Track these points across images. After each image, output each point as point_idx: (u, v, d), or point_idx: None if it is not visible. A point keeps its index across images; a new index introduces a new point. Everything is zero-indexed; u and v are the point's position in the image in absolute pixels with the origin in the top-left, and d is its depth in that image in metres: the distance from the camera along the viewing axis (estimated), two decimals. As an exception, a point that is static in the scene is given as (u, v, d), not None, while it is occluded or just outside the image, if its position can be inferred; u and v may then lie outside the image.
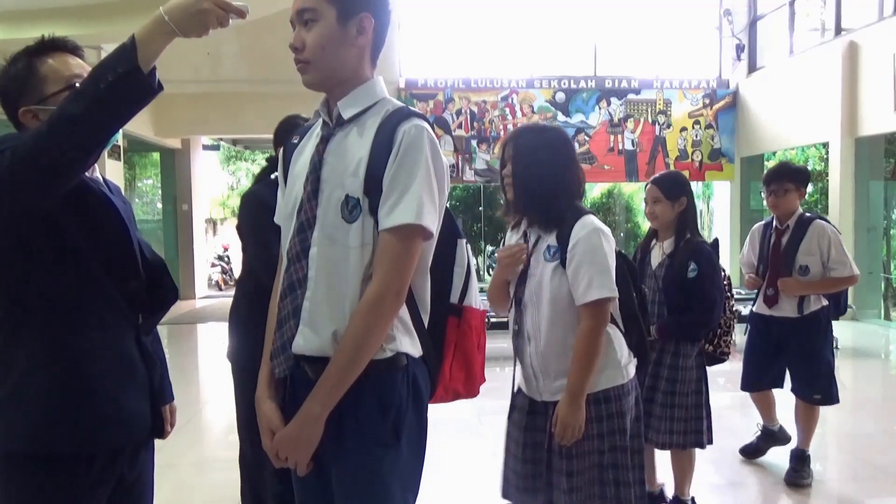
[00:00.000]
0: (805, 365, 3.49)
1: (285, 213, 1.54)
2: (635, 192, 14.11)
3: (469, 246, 1.69)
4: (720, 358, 3.01)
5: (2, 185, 1.30)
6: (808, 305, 3.48)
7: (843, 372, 6.77)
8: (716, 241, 2.92)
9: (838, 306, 3.60)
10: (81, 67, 1.54)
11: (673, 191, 2.84)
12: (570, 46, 11.21)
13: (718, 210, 12.09)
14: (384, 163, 1.39)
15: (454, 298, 1.61)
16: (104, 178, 1.66)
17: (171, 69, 11.19)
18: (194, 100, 10.25)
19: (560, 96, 10.78)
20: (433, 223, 1.40)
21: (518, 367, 2.25)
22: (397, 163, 1.39)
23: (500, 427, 2.32)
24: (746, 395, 5.67)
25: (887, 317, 9.89)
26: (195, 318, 9.82)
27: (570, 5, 11.04)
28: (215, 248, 14.87)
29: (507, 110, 10.72)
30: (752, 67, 10.87)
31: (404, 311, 1.44)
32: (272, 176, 2.50)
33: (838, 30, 9.23)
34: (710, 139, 11.04)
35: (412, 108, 1.51)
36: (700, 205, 18.20)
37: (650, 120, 10.94)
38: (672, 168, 10.99)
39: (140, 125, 9.69)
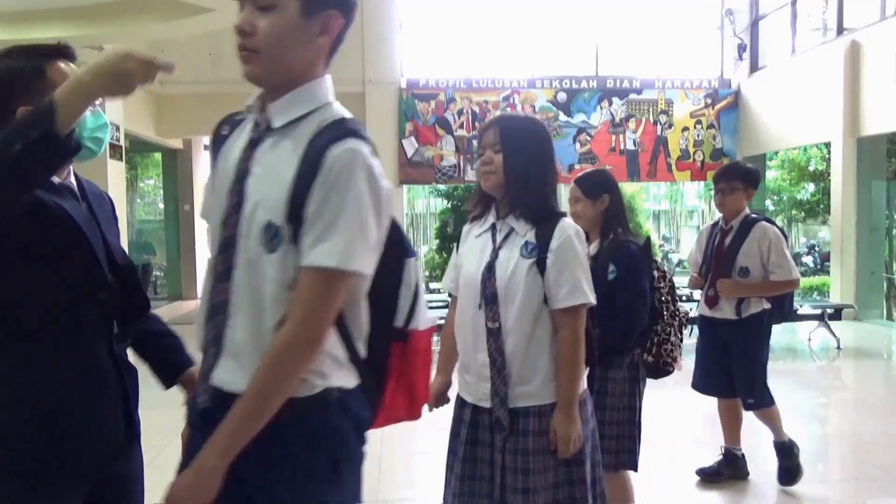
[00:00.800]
0: (741, 368, 3.43)
1: (211, 216, 1.36)
2: (637, 193, 14.10)
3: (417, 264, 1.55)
4: (664, 369, 2.74)
5: None
6: (748, 308, 3.39)
7: (846, 372, 6.77)
8: (647, 239, 2.68)
9: (782, 310, 3.51)
10: None
11: (594, 189, 2.62)
12: (571, 46, 11.20)
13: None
14: (308, 190, 1.21)
15: (399, 322, 1.42)
16: (79, 180, 1.64)
17: (173, 69, 11.02)
18: (196, 100, 10.26)
19: (562, 96, 10.77)
20: (365, 264, 1.24)
21: (464, 372, 2.06)
22: (324, 193, 1.20)
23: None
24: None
25: (889, 317, 9.88)
26: (197, 318, 9.83)
27: (571, 5, 11.04)
28: (217, 248, 14.87)
29: (509, 110, 10.71)
30: (754, 67, 10.85)
31: (335, 346, 1.28)
32: None
33: (840, 29, 9.22)
34: (711, 139, 11.02)
35: (350, 124, 1.31)
36: (702, 205, 18.21)
37: (652, 120, 10.93)
38: (674, 168, 11.00)
39: (142, 125, 9.70)
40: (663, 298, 2.70)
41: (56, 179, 1.54)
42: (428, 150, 10.58)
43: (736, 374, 3.44)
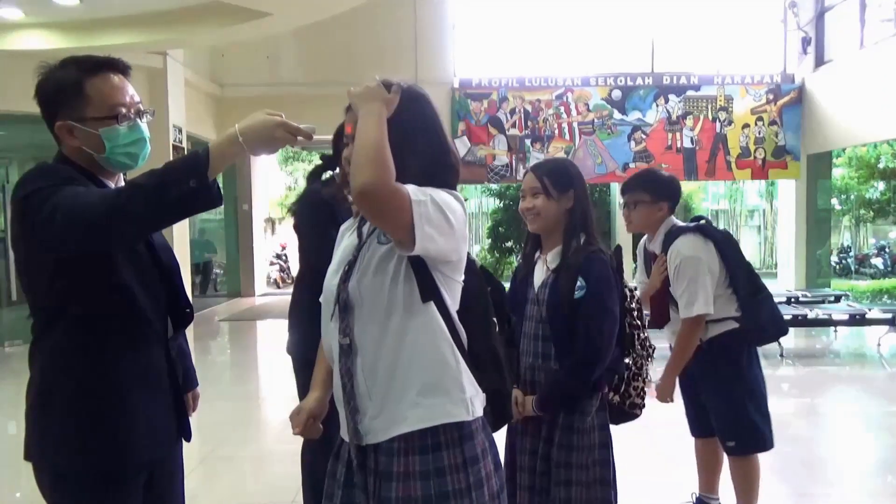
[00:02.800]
0: (715, 405, 2.77)
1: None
2: (694, 192, 13.76)
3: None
4: (630, 412, 2.22)
5: (49, 240, 1.40)
6: (709, 328, 2.71)
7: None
8: (618, 249, 2.20)
9: (758, 325, 2.71)
10: (126, 94, 1.57)
11: (559, 182, 2.11)
12: (626, 43, 11.00)
13: (783, 210, 11.67)
14: None
15: None
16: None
17: (233, 73, 11.54)
18: (254, 102, 10.49)
19: (616, 94, 10.60)
20: None
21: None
22: None
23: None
24: (812, 401, 5.47)
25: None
26: (254, 314, 10.07)
27: (626, 1, 10.84)
28: (273, 246, 15.22)
29: (562, 109, 10.61)
30: (820, 61, 10.45)
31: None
32: (326, 174, 2.56)
33: (914, 20, 8.79)
34: (774, 136, 10.66)
35: None
36: (763, 204, 17.64)
37: (710, 117, 10.65)
38: (734, 167, 10.68)
39: (202, 128, 10.01)
40: (636, 322, 2.18)
41: (111, 183, 1.61)
42: (480, 150, 10.58)
43: (711, 411, 2.79)
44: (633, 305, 2.19)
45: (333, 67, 10.44)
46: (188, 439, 1.74)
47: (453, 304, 1.48)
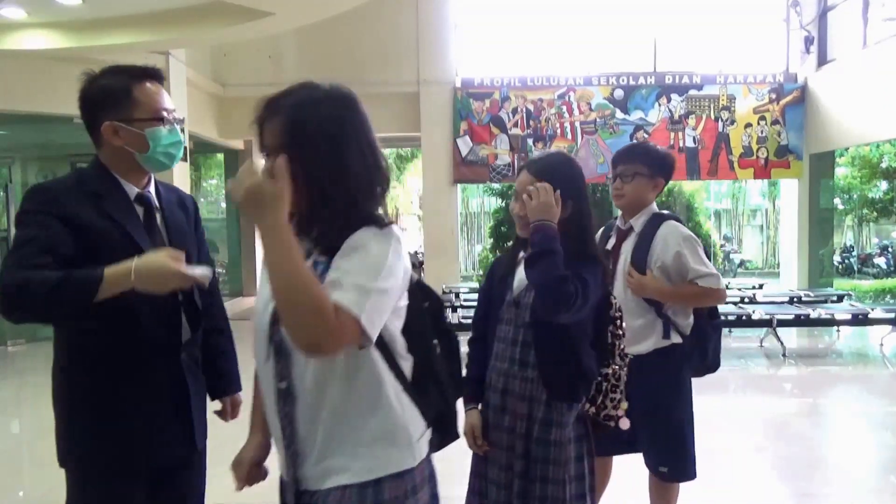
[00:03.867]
0: (649, 421, 2.47)
1: None
2: (696, 191, 13.73)
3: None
4: (604, 423, 2.02)
5: None
6: (655, 336, 2.51)
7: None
8: (607, 251, 2.15)
9: (703, 354, 2.56)
10: (166, 100, 1.72)
11: (556, 188, 1.88)
12: (628, 42, 10.99)
13: (786, 210, 11.65)
14: None
15: None
16: (158, 188, 1.79)
17: (235, 73, 11.50)
18: (256, 102, 10.52)
19: (618, 93, 10.59)
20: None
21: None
22: None
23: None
24: (815, 401, 5.47)
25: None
26: (256, 314, 10.09)
27: (629, 0, 10.83)
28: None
29: (564, 108, 10.60)
30: (823, 60, 10.42)
31: None
32: None
33: (917, 19, 8.76)
34: (776, 135, 10.64)
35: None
36: (765, 204, 17.62)
37: (713, 116, 10.63)
38: (736, 166, 10.66)
39: (205, 127, 10.02)
40: (620, 332, 2.03)
41: (135, 189, 1.70)
42: (482, 149, 10.57)
43: (641, 428, 2.44)
44: (617, 314, 2.03)
45: (335, 67, 10.44)
46: (197, 447, 1.77)
47: (396, 334, 1.35)
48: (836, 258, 13.83)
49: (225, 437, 1.90)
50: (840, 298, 8.03)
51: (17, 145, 9.36)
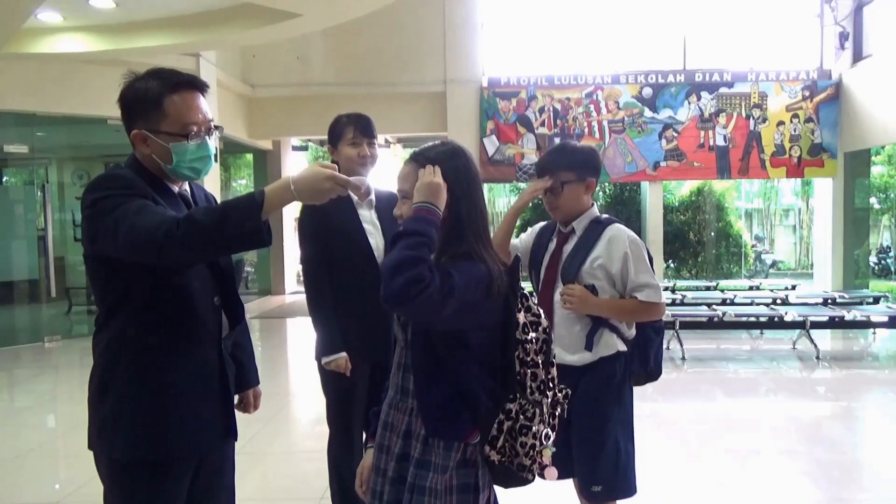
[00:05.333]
0: (584, 437, 2.27)
1: None
2: (727, 190, 13.53)
3: None
4: (518, 475, 1.56)
5: (107, 248, 1.56)
6: (601, 340, 2.30)
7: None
8: (515, 261, 1.64)
9: (645, 361, 2.37)
10: (199, 112, 1.68)
11: (445, 173, 1.56)
12: (657, 40, 10.87)
13: (820, 209, 11.41)
14: None
15: None
16: (192, 188, 1.83)
17: (264, 74, 11.63)
18: (285, 103, 10.63)
19: (647, 91, 10.48)
20: None
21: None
22: None
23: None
24: (849, 404, 5.35)
25: None
26: (284, 312, 10.19)
27: (658, -3, 10.71)
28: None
29: (592, 107, 10.52)
30: (858, 56, 10.19)
31: None
32: None
33: (957, 13, 8.52)
34: (809, 133, 10.44)
35: None
36: (799, 203, 17.28)
37: (744, 114, 10.47)
38: (768, 165, 10.48)
39: (234, 128, 10.15)
40: (530, 358, 1.57)
41: (175, 188, 1.75)
42: (509, 149, 10.55)
43: (576, 446, 2.27)
44: (531, 336, 1.58)
45: (363, 67, 10.50)
46: (235, 438, 1.82)
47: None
48: (872, 259, 13.50)
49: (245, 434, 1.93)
50: (876, 300, 7.84)
51: (53, 146, 9.58)
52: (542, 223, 2.60)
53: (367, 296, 2.44)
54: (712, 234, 12.99)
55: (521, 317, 1.58)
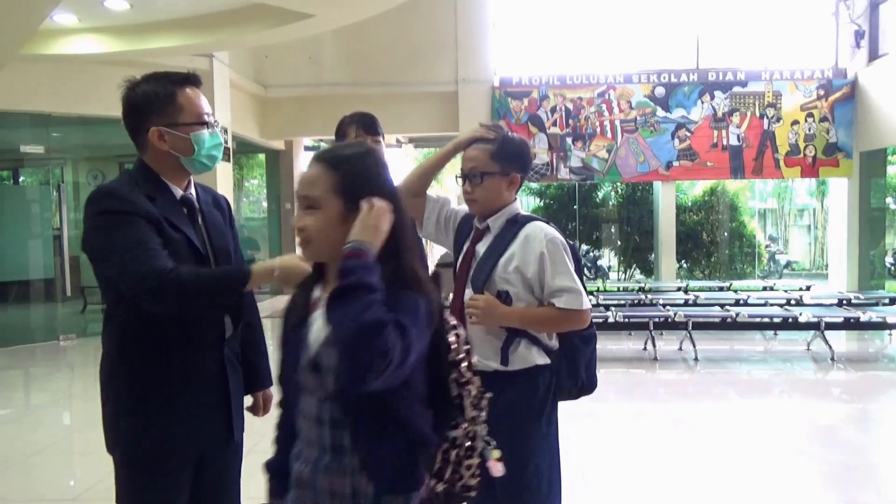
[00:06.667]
0: (506, 479, 1.77)
1: None
2: (740, 190, 13.43)
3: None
4: (460, 496, 1.46)
5: (98, 268, 1.67)
6: (517, 352, 2.01)
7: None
8: (435, 274, 1.60)
9: (575, 374, 2.07)
10: (206, 105, 1.79)
11: (350, 187, 1.34)
12: (670, 39, 10.81)
13: (835, 209, 11.31)
14: None
15: None
16: (196, 190, 1.86)
17: (276, 74, 11.66)
18: (296, 103, 10.67)
19: (660, 91, 10.42)
20: None
21: None
22: None
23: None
24: (864, 406, 5.30)
25: None
26: (296, 312, 10.23)
27: (671, -4, 10.66)
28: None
29: (604, 106, 10.48)
30: (874, 55, 10.08)
31: None
32: None
33: (976, 10, 8.41)
34: (824, 133, 10.34)
35: None
36: (813, 203, 17.13)
37: (758, 113, 10.39)
38: (782, 165, 10.39)
39: (247, 128, 10.20)
40: (465, 378, 1.45)
41: (178, 192, 1.77)
42: (523, 149, 10.52)
43: (498, 486, 1.88)
44: (462, 355, 1.44)
45: (374, 67, 10.52)
46: (234, 438, 1.83)
47: None
48: (888, 259, 13.34)
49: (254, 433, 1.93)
50: (892, 301, 7.76)
51: (69, 147, 9.68)
52: (467, 211, 2.22)
53: None
54: (725, 234, 12.90)
55: (450, 336, 1.43)
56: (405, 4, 7.19)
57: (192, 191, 1.83)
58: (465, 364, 1.44)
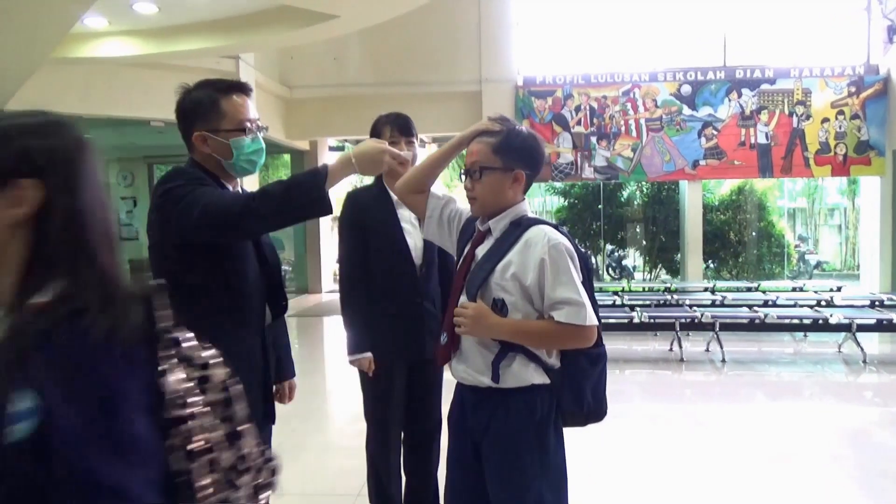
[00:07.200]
0: (499, 483, 1.82)
1: None
2: (769, 189, 13.22)
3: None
4: None
5: (185, 228, 1.72)
6: (510, 369, 1.80)
7: None
8: (159, 288, 0.87)
9: (580, 397, 1.84)
10: (250, 110, 1.88)
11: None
12: (697, 36, 10.68)
13: (866, 208, 11.07)
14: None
15: None
16: (243, 189, 2.00)
17: (301, 75, 11.75)
18: (321, 103, 10.75)
19: (686, 89, 10.30)
20: None
21: None
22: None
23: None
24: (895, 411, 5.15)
25: None
26: (321, 311, 10.30)
27: (697, -7, 10.52)
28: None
29: (629, 105, 10.39)
30: (908, 50, 9.86)
31: None
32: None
33: None
34: (856, 130, 10.13)
35: None
36: (844, 202, 16.80)
37: (786, 111, 10.21)
38: (812, 163, 10.20)
39: (272, 128, 10.24)
40: (204, 444, 0.96)
41: (230, 188, 1.91)
42: (545, 148, 10.47)
43: (490, 488, 1.84)
44: (195, 406, 0.98)
45: (399, 67, 10.55)
46: (273, 422, 1.96)
47: None
48: (922, 260, 13.05)
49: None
50: (926, 302, 7.57)
51: (99, 148, 9.84)
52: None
53: (402, 295, 2.49)
54: (753, 234, 12.70)
55: (174, 378, 0.94)
56: (428, 4, 7.20)
57: (239, 188, 1.97)
58: (201, 419, 0.95)
